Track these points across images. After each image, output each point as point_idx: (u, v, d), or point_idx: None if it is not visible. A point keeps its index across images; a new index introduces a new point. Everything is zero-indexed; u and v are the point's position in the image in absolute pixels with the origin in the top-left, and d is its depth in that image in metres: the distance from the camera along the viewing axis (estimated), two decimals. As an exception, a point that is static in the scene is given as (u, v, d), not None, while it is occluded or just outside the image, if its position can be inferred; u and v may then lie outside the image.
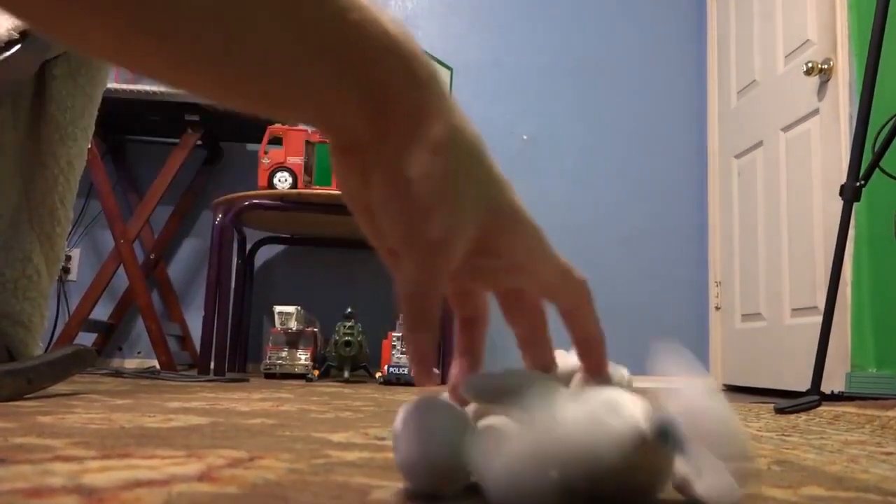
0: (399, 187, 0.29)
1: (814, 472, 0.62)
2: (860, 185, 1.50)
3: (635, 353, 3.15)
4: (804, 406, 1.38)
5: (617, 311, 2.86)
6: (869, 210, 1.99)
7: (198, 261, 2.80)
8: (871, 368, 1.96)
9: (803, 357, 2.12)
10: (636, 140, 3.00)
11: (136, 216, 2.41)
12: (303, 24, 0.26)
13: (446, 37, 3.01)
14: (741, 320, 2.69)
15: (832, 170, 2.13)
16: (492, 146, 0.33)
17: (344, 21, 0.27)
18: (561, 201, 2.93)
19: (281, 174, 2.10)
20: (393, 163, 0.29)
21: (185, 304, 2.76)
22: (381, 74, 0.29)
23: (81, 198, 2.64)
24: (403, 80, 0.30)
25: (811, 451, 0.78)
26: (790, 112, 2.40)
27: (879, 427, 1.07)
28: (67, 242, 1.07)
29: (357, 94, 0.29)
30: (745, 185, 2.71)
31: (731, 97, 2.86)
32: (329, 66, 0.28)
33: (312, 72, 0.27)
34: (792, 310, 2.33)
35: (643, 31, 3.07)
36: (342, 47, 0.28)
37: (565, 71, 3.02)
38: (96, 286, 2.40)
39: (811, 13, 2.30)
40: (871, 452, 0.78)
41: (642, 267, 2.91)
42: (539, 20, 3.05)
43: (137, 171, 2.81)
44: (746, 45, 2.74)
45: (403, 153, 0.29)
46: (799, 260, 2.30)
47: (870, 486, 0.55)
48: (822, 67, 2.19)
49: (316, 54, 0.27)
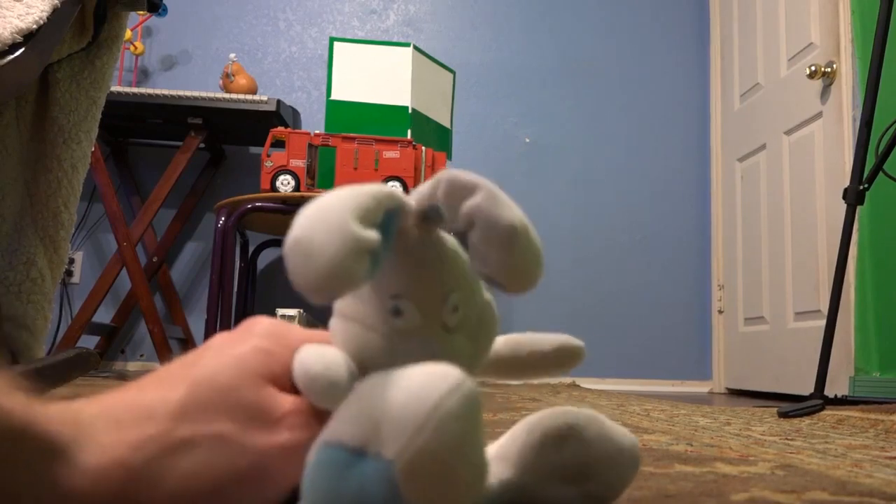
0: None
1: (818, 477, 0.61)
2: (864, 188, 1.50)
3: (637, 356, 3.16)
4: (807, 410, 1.38)
5: (619, 314, 2.85)
6: (872, 213, 1.99)
7: (200, 263, 2.80)
8: (874, 372, 1.96)
9: (806, 361, 2.11)
10: (639, 143, 3.00)
11: (139, 219, 2.41)
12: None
13: (449, 39, 3.01)
14: (744, 324, 2.69)
15: (835, 173, 2.12)
16: (494, 148, 0.34)
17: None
18: (563, 203, 2.93)
19: (283, 177, 2.10)
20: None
21: (187, 306, 2.77)
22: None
23: (84, 201, 2.65)
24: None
25: (815, 455, 0.78)
26: (793, 115, 2.40)
27: (883, 431, 1.06)
28: (70, 245, 1.07)
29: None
30: (748, 188, 2.70)
31: (734, 100, 2.86)
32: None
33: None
34: (795, 313, 2.33)
35: (646, 34, 3.07)
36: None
37: (568, 73, 3.03)
38: (99, 289, 2.41)
39: (814, 16, 2.29)
40: (875, 457, 0.77)
41: (645, 270, 2.91)
42: (541, 23, 3.05)
43: (140, 174, 2.81)
44: (749, 48, 2.74)
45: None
46: (802, 263, 2.30)
47: (874, 490, 0.55)
48: (826, 70, 2.18)
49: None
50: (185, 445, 0.29)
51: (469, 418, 0.25)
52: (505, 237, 0.28)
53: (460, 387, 0.25)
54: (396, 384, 0.26)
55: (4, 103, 0.91)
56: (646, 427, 1.05)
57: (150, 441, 0.29)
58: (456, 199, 0.29)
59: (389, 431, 0.25)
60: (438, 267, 0.31)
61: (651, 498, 0.49)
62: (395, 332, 0.30)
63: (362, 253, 0.26)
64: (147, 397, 0.30)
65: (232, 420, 0.30)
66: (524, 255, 0.28)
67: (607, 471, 0.36)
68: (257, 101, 2.39)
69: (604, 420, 0.37)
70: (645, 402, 1.70)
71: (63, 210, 1.00)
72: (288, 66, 2.96)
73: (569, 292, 2.83)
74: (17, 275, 0.96)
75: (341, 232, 0.25)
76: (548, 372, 0.40)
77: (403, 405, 0.25)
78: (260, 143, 2.56)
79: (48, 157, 0.97)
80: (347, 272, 0.25)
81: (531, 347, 0.39)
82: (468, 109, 2.89)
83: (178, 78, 2.89)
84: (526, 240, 0.28)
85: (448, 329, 0.31)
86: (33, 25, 0.81)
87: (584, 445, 0.36)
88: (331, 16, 3.02)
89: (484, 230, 0.28)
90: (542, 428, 0.37)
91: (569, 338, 0.40)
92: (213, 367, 0.31)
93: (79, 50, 0.96)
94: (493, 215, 0.28)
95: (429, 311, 0.31)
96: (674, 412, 1.40)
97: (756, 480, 0.58)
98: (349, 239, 0.25)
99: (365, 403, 0.27)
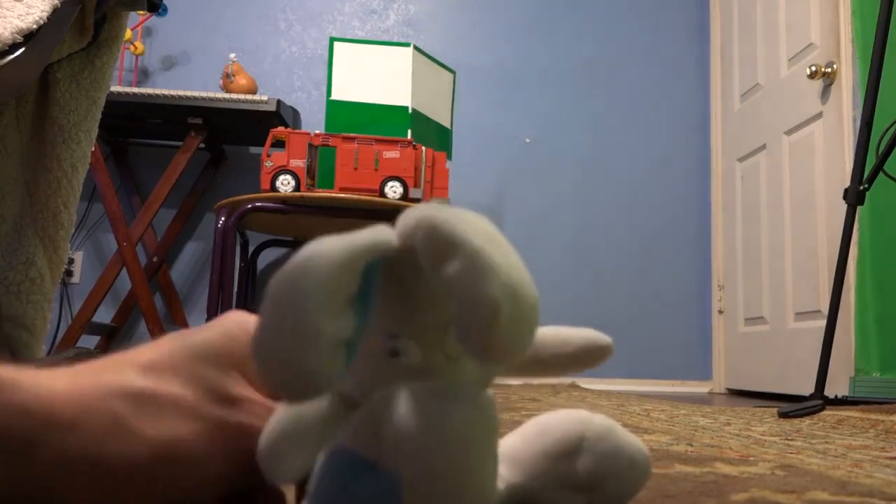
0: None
1: (818, 477, 0.61)
2: (864, 188, 1.49)
3: (637, 356, 3.16)
4: (808, 410, 1.38)
5: (620, 314, 2.85)
6: (872, 213, 1.99)
7: (200, 263, 2.80)
8: (874, 372, 1.96)
9: (807, 361, 2.11)
10: (639, 143, 3.00)
11: (139, 219, 2.41)
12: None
13: (449, 39, 3.01)
14: (744, 324, 2.69)
15: (835, 173, 2.12)
16: (494, 149, 0.33)
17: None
18: (563, 204, 2.93)
19: (283, 177, 2.10)
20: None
21: (187, 306, 2.77)
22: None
23: (84, 201, 2.65)
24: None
25: (815, 455, 0.78)
26: (793, 115, 2.40)
27: (883, 431, 1.06)
28: (70, 245, 1.07)
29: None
30: (749, 189, 2.70)
31: (735, 100, 2.86)
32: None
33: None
34: (795, 314, 2.33)
35: (646, 34, 3.07)
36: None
37: (568, 73, 3.03)
38: (99, 289, 2.41)
39: (814, 16, 2.29)
40: (875, 457, 0.77)
41: (645, 270, 2.91)
42: (541, 23, 3.05)
43: (140, 174, 2.81)
44: (750, 49, 2.74)
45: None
46: (802, 263, 2.30)
47: (874, 490, 0.55)
48: (826, 71, 2.18)
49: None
50: (141, 396, 0.29)
51: (477, 439, 0.25)
52: (487, 316, 0.24)
53: (472, 405, 0.25)
54: (415, 401, 0.26)
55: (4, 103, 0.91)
56: (646, 427, 1.05)
57: (108, 384, 0.29)
58: (434, 259, 0.26)
59: (398, 448, 0.25)
60: (434, 299, 0.29)
61: (651, 498, 0.49)
62: (396, 372, 0.29)
63: (333, 352, 0.24)
64: (110, 359, 0.31)
65: (192, 389, 0.30)
66: (510, 331, 0.25)
67: (617, 483, 0.36)
68: (257, 101, 2.39)
69: (619, 431, 0.37)
70: (645, 403, 1.70)
71: (63, 210, 1.00)
72: (288, 66, 2.96)
73: (568, 292, 2.83)
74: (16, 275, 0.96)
75: (306, 336, 0.23)
76: (572, 369, 0.39)
77: (414, 423, 0.25)
78: (260, 143, 2.56)
79: (48, 157, 0.97)
80: (320, 375, 0.24)
81: (554, 349, 0.37)
82: (468, 109, 2.88)
83: (178, 78, 2.88)
84: (513, 315, 0.25)
85: (452, 357, 0.30)
86: (33, 25, 0.81)
87: (597, 458, 0.35)
88: (331, 16, 3.02)
89: (465, 305, 0.25)
90: (555, 436, 0.36)
91: (594, 334, 0.38)
92: (181, 343, 0.32)
93: (79, 50, 0.96)
94: (472, 292, 0.25)
95: (428, 345, 0.29)
96: (674, 412, 1.40)
97: (756, 481, 0.58)
98: (318, 343, 0.24)
99: (381, 416, 0.27)
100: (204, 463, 0.29)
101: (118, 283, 2.49)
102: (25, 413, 0.26)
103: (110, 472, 0.27)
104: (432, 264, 0.26)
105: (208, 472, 0.30)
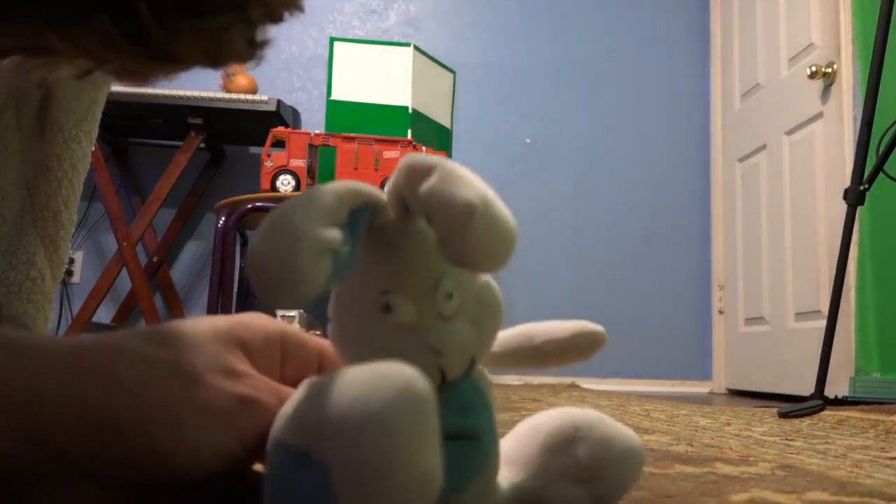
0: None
1: (818, 478, 0.61)
2: (864, 188, 1.49)
3: (637, 357, 3.16)
4: (808, 410, 1.38)
5: (620, 314, 2.85)
6: (873, 213, 1.99)
7: (200, 264, 2.80)
8: (875, 373, 1.96)
9: (807, 361, 2.11)
10: (639, 143, 3.00)
11: (139, 219, 2.41)
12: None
13: (449, 39, 3.01)
14: (744, 324, 2.69)
15: (836, 173, 2.12)
16: (495, 148, 0.33)
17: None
18: (563, 204, 2.93)
19: (284, 177, 2.10)
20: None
21: (187, 307, 2.77)
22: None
23: (85, 200, 2.65)
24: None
25: (815, 455, 0.78)
26: (794, 115, 2.40)
27: (883, 432, 1.06)
28: (71, 245, 1.07)
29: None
30: (749, 189, 2.70)
31: (735, 100, 2.86)
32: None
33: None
34: (795, 314, 2.33)
35: (647, 34, 3.07)
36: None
37: (569, 73, 3.03)
38: (99, 289, 2.41)
39: (815, 16, 2.29)
40: (876, 457, 0.77)
41: (645, 270, 2.91)
42: (542, 23, 3.05)
43: (140, 174, 2.81)
44: (750, 49, 2.74)
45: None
46: (802, 263, 2.30)
47: (874, 490, 0.55)
48: (826, 71, 2.18)
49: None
50: (141, 358, 0.29)
51: (410, 427, 0.23)
52: (461, 216, 0.26)
53: (405, 391, 0.24)
54: (340, 386, 0.25)
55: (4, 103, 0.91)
56: (646, 427, 1.05)
57: (109, 344, 0.29)
58: (414, 185, 0.28)
59: (328, 438, 0.24)
60: (424, 256, 0.30)
61: (651, 498, 0.49)
62: (390, 328, 0.29)
63: (321, 254, 0.25)
64: (114, 332, 0.32)
65: (194, 358, 0.30)
66: (487, 232, 0.27)
67: (616, 469, 0.36)
68: (257, 101, 2.39)
69: (608, 420, 0.37)
70: (645, 403, 1.70)
71: (63, 210, 1.00)
72: (288, 66, 2.96)
73: (569, 292, 2.83)
74: (17, 275, 0.96)
75: (295, 237, 0.25)
76: (566, 359, 0.39)
77: (343, 411, 0.24)
78: (260, 143, 2.55)
79: (48, 157, 0.97)
80: (306, 276, 0.24)
81: (546, 336, 0.38)
82: (468, 109, 2.88)
83: (178, 78, 2.88)
84: (488, 216, 0.27)
85: (445, 318, 0.30)
86: (33, 25, 0.81)
87: (593, 446, 0.36)
88: (331, 16, 3.02)
89: (440, 212, 0.27)
90: (547, 430, 0.36)
91: (586, 323, 0.39)
92: (190, 322, 0.32)
93: (79, 49, 0.96)
94: (447, 194, 0.27)
95: (421, 303, 0.30)
96: (674, 412, 1.40)
97: (756, 481, 0.58)
98: (305, 243, 0.25)
99: (310, 404, 0.26)
100: (201, 429, 0.29)
101: (118, 283, 2.49)
102: (28, 368, 0.27)
103: (106, 426, 0.27)
104: (412, 187, 0.28)
105: (205, 440, 0.29)
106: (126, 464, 0.28)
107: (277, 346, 0.35)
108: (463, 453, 0.31)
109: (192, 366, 0.30)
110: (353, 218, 0.27)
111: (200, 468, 0.29)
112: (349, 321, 0.31)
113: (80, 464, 0.27)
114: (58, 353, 0.28)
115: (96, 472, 0.28)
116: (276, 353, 0.34)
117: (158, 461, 0.28)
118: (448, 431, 0.30)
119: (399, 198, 0.30)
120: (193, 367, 0.30)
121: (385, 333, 0.30)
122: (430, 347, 0.29)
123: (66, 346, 0.28)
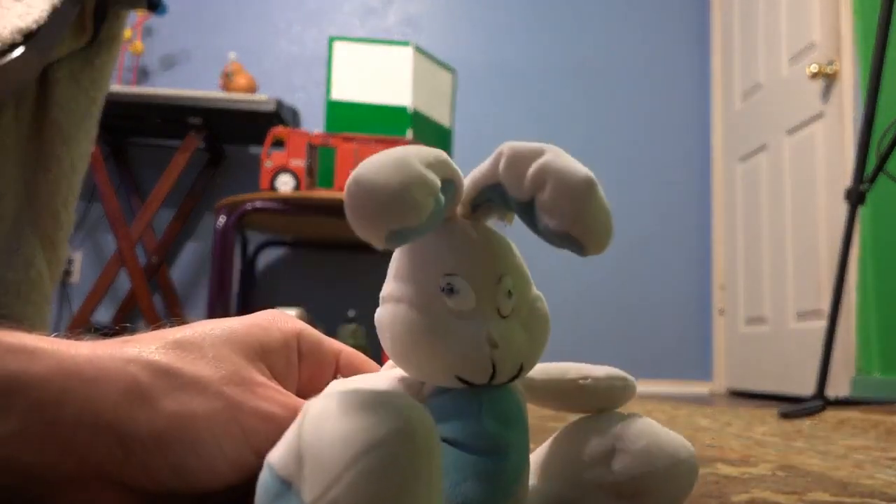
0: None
1: (819, 478, 0.61)
2: (865, 188, 1.49)
3: (638, 357, 3.15)
4: (809, 411, 1.38)
5: (620, 315, 2.85)
6: (873, 213, 1.99)
7: (200, 263, 2.80)
8: (876, 373, 1.95)
9: (808, 361, 2.11)
10: (639, 143, 3.00)
11: (139, 219, 2.41)
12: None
13: (449, 39, 3.01)
14: (745, 324, 2.68)
15: (837, 173, 2.12)
16: (495, 148, 0.33)
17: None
18: (564, 204, 2.93)
19: (283, 177, 2.10)
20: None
21: (187, 307, 2.77)
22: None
23: (84, 200, 2.65)
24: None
25: (816, 456, 0.78)
26: (794, 115, 2.40)
27: (884, 432, 1.06)
28: (70, 245, 1.07)
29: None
30: (749, 189, 2.70)
31: (736, 100, 2.86)
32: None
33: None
34: (796, 314, 2.33)
35: (647, 34, 3.07)
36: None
37: (568, 73, 3.02)
38: (98, 289, 2.40)
39: (815, 16, 2.29)
40: (876, 458, 0.77)
41: (645, 270, 2.91)
42: (542, 23, 3.05)
43: (140, 174, 2.81)
44: (750, 48, 2.74)
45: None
46: (803, 263, 2.29)
47: (875, 491, 0.54)
48: (827, 70, 2.18)
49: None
50: (161, 368, 0.29)
51: (396, 474, 0.21)
52: (581, 188, 0.27)
53: (399, 432, 0.22)
54: (333, 415, 0.23)
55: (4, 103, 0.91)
56: (646, 428, 1.05)
57: (130, 354, 0.29)
58: (521, 167, 0.29)
59: (309, 472, 0.22)
60: (490, 248, 0.31)
61: (652, 499, 0.49)
62: (449, 312, 0.29)
63: (428, 188, 0.25)
64: (135, 336, 0.31)
65: (215, 370, 0.30)
66: (602, 208, 0.28)
67: (661, 484, 0.33)
68: (257, 100, 2.39)
69: (657, 429, 0.35)
70: (646, 403, 1.69)
71: (62, 210, 1.00)
72: (288, 66, 2.96)
73: (569, 293, 2.83)
74: (16, 275, 0.95)
75: (408, 167, 0.25)
76: (596, 401, 0.37)
77: (327, 446, 0.22)
78: (260, 143, 2.56)
79: (48, 157, 0.97)
80: (413, 203, 0.24)
81: (580, 372, 0.36)
82: (468, 109, 2.88)
83: (177, 77, 2.88)
84: (600, 195, 0.28)
85: (502, 314, 0.30)
86: (33, 25, 0.81)
87: (634, 459, 0.33)
88: (331, 15, 3.02)
89: (557, 184, 0.27)
90: (587, 440, 0.34)
91: (617, 370, 0.38)
92: (210, 326, 0.32)
93: (78, 49, 0.96)
94: (566, 168, 0.28)
95: (483, 292, 0.30)
96: (674, 413, 1.40)
97: (757, 481, 0.58)
98: (416, 173, 0.25)
99: (300, 430, 0.24)
100: (218, 442, 0.29)
101: (117, 284, 2.49)
102: (47, 374, 0.26)
103: (124, 436, 0.27)
104: (517, 169, 0.29)
105: (222, 454, 0.29)
106: (143, 474, 0.28)
107: (294, 347, 0.35)
108: (497, 473, 0.29)
109: (212, 379, 0.30)
110: (442, 188, 0.28)
111: (218, 481, 0.29)
112: (402, 299, 0.30)
113: (98, 472, 0.27)
114: (81, 363, 0.28)
115: (113, 480, 0.28)
116: (292, 356, 0.35)
117: (175, 473, 0.28)
118: (486, 441, 0.30)
119: (477, 192, 0.31)
120: (214, 380, 0.30)
121: (441, 315, 0.29)
122: (489, 338, 0.29)
123: (86, 352, 0.28)
